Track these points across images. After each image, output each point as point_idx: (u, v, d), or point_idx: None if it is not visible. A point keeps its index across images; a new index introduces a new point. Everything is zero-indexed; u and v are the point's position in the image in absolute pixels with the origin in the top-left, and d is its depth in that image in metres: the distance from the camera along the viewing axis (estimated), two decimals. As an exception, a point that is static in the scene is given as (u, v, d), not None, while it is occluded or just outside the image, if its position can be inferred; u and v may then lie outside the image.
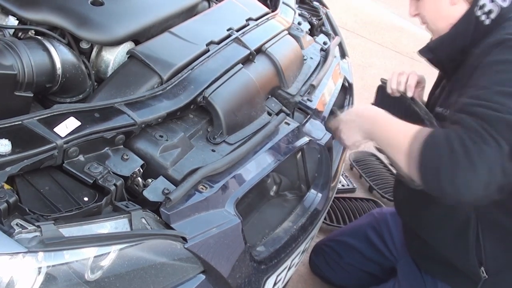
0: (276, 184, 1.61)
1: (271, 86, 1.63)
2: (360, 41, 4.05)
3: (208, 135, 1.38)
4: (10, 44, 1.22)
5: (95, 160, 1.15)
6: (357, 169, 2.82)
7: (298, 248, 1.49)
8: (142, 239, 1.04)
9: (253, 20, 1.75)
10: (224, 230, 1.19)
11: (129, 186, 1.18)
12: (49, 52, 1.28)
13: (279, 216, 1.53)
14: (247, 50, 1.57)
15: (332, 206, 2.42)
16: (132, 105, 1.24)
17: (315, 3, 2.28)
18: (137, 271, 1.03)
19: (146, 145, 1.24)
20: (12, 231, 0.91)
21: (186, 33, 1.54)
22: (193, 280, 1.13)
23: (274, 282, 1.45)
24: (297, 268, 1.68)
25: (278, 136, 1.46)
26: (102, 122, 1.16)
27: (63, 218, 1.01)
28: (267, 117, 1.55)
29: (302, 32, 1.92)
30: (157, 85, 1.37)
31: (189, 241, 1.11)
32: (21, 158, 1.02)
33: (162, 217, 1.12)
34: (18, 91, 1.21)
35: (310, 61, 1.86)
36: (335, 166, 1.70)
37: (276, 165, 1.41)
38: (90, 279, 0.97)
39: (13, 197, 0.95)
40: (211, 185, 1.23)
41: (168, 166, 1.23)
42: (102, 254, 0.99)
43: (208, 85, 1.40)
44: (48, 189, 1.07)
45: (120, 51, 1.44)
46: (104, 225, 1.04)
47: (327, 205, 1.65)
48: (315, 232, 1.67)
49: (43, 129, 1.08)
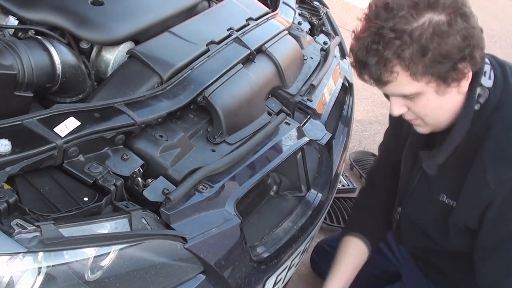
0: (276, 184, 1.61)
1: (271, 86, 1.63)
2: (360, 41, 4.05)
3: (208, 135, 1.38)
4: (10, 44, 1.21)
5: (95, 160, 1.15)
6: (357, 169, 2.82)
7: (298, 248, 1.49)
8: (142, 239, 1.04)
9: (253, 20, 1.74)
10: (224, 230, 1.19)
11: (129, 186, 1.18)
12: (49, 52, 1.28)
13: (279, 216, 1.53)
14: (247, 50, 1.57)
15: (332, 206, 2.42)
16: (132, 105, 1.24)
17: (315, 3, 2.28)
18: (137, 271, 1.03)
19: (146, 145, 1.23)
20: (12, 231, 0.91)
21: (186, 33, 1.54)
22: (193, 280, 1.13)
23: (274, 282, 1.45)
24: (297, 268, 1.68)
25: (278, 136, 1.46)
26: (102, 122, 1.16)
27: (63, 218, 1.01)
28: (267, 117, 1.55)
29: (302, 32, 1.92)
30: (157, 85, 1.37)
31: (189, 241, 1.11)
32: (21, 158, 1.02)
33: (162, 217, 1.12)
34: (18, 91, 1.21)
35: (310, 61, 1.86)
36: (335, 166, 1.70)
37: (276, 165, 1.40)
38: (90, 279, 0.97)
39: (13, 197, 0.95)
40: (211, 185, 1.23)
41: (168, 166, 1.23)
42: (102, 254, 0.99)
43: (208, 85, 1.40)
44: (48, 189, 1.07)
45: (120, 51, 1.44)
46: (104, 225, 1.04)
47: (327, 205, 1.65)
48: (315, 232, 1.66)
49: (43, 129, 1.08)
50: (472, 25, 1.14)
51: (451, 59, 1.13)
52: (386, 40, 1.11)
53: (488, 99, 1.26)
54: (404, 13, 1.10)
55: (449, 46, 1.11)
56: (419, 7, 1.10)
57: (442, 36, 1.10)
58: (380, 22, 1.12)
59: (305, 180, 1.61)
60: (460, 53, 1.13)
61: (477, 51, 1.15)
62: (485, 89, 1.26)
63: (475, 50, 1.14)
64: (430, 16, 1.10)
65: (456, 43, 1.11)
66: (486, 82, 1.26)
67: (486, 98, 1.26)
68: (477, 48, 1.15)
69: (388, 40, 1.11)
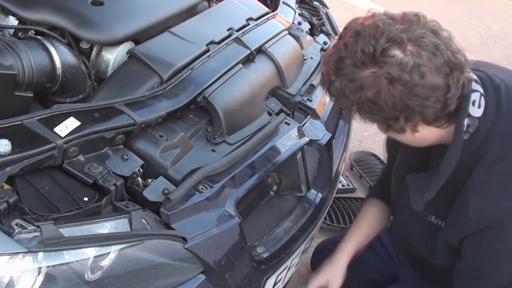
0: (276, 184, 1.61)
1: (271, 86, 1.63)
2: (360, 41, 4.05)
3: (208, 135, 1.38)
4: (10, 44, 1.21)
5: (95, 160, 1.15)
6: (357, 169, 2.82)
7: (298, 248, 1.49)
8: (142, 239, 1.04)
9: (253, 20, 1.74)
10: (224, 230, 1.19)
11: (129, 186, 1.18)
12: (49, 52, 1.28)
13: (279, 216, 1.53)
14: (247, 50, 1.57)
15: (332, 206, 2.42)
16: (132, 105, 1.24)
17: (315, 3, 2.28)
18: (137, 271, 1.03)
19: (146, 145, 1.24)
20: (12, 231, 0.91)
21: (186, 33, 1.54)
22: (193, 280, 1.13)
23: (274, 282, 1.45)
24: (297, 268, 1.68)
25: (278, 136, 1.46)
26: (102, 122, 1.16)
27: (63, 218, 1.01)
28: (267, 117, 1.55)
29: (302, 32, 1.92)
30: (157, 85, 1.37)
31: (189, 241, 1.11)
32: (21, 158, 1.02)
33: (162, 217, 1.12)
34: (18, 91, 1.21)
35: (310, 61, 1.86)
36: (335, 166, 1.70)
37: (276, 165, 1.40)
38: (90, 279, 0.97)
39: (13, 197, 0.95)
40: (211, 185, 1.23)
41: (168, 166, 1.23)
42: (102, 254, 0.99)
43: (208, 85, 1.40)
44: (48, 189, 1.07)
45: (120, 51, 1.44)
46: (104, 225, 1.04)
47: (327, 205, 1.65)
48: (315, 232, 1.67)
49: (43, 129, 1.08)
50: (419, 85, 1.08)
51: (383, 117, 1.15)
52: (340, 73, 1.14)
53: (478, 129, 1.20)
54: (356, 59, 1.11)
55: (382, 103, 1.11)
56: (366, 62, 1.10)
57: (376, 98, 1.11)
58: (342, 53, 1.14)
59: (305, 180, 1.61)
60: (392, 113, 1.13)
61: (417, 116, 1.13)
62: (474, 119, 1.20)
63: (412, 115, 1.12)
64: (375, 70, 1.09)
65: (386, 105, 1.11)
66: (475, 112, 1.19)
67: (476, 128, 1.20)
68: (416, 114, 1.12)
69: (343, 73, 1.14)
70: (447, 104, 1.12)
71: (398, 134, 1.22)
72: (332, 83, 1.16)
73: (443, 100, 1.11)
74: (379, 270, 1.90)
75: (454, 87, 1.11)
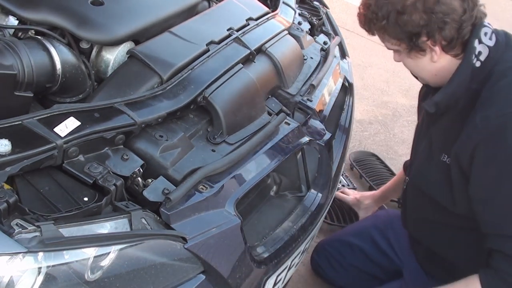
0: (276, 184, 1.61)
1: (271, 86, 1.63)
2: (360, 41, 4.04)
3: (208, 135, 1.38)
4: (10, 44, 1.21)
5: (95, 160, 1.15)
6: (357, 169, 2.82)
7: (298, 248, 1.49)
8: (142, 239, 1.04)
9: (253, 20, 1.74)
10: (224, 230, 1.19)
11: (129, 186, 1.18)
12: (49, 52, 1.28)
13: (279, 216, 1.53)
14: (247, 50, 1.57)
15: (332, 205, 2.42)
16: (132, 105, 1.24)
17: (315, 3, 2.28)
18: (137, 271, 1.03)
19: (146, 145, 1.24)
20: (12, 231, 0.91)
21: (186, 33, 1.54)
22: (193, 280, 1.13)
23: (274, 282, 1.45)
24: (297, 268, 1.68)
25: (278, 136, 1.46)
26: (102, 122, 1.16)
27: (63, 218, 1.01)
28: (267, 117, 1.55)
29: (302, 32, 1.92)
30: (157, 85, 1.37)
31: (189, 241, 1.11)
32: (21, 158, 1.02)
33: (162, 217, 1.12)
34: (18, 91, 1.21)
35: (310, 61, 1.86)
36: (335, 166, 1.70)
37: (276, 165, 1.40)
38: (90, 279, 0.97)
39: (13, 197, 0.95)
40: (211, 185, 1.23)
41: (168, 166, 1.23)
42: (102, 254, 0.99)
43: (208, 85, 1.40)
44: (48, 189, 1.07)
45: (120, 51, 1.44)
46: (104, 225, 1.04)
47: (327, 205, 1.65)
48: (315, 232, 1.67)
49: (43, 129, 1.08)
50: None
51: (407, 32, 1.33)
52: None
53: (489, 57, 1.34)
54: None
55: (407, 15, 1.30)
56: None
57: (403, 9, 1.31)
58: None
59: (305, 180, 1.61)
60: (416, 28, 1.31)
61: (436, 32, 1.31)
62: (485, 47, 1.34)
63: (433, 30, 1.30)
64: None
65: (411, 18, 1.30)
66: (487, 41, 1.34)
67: (487, 56, 1.33)
68: (436, 30, 1.30)
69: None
70: (462, 27, 1.32)
71: (418, 58, 1.40)
72: (369, 6, 1.38)
73: (459, 21, 1.31)
74: (382, 266, 1.92)
75: (468, 12, 1.31)
